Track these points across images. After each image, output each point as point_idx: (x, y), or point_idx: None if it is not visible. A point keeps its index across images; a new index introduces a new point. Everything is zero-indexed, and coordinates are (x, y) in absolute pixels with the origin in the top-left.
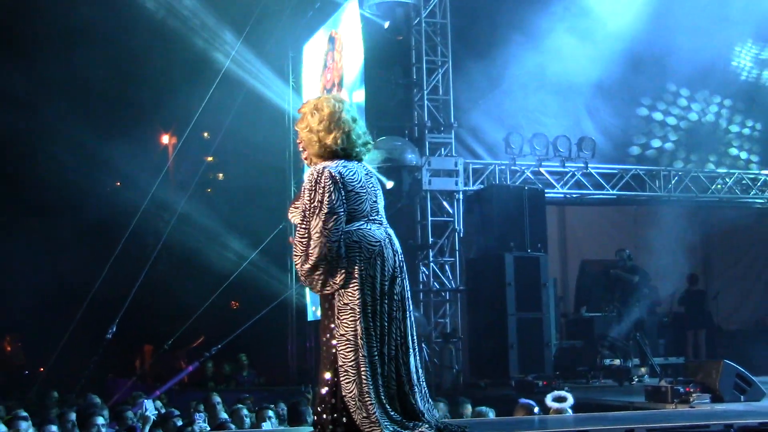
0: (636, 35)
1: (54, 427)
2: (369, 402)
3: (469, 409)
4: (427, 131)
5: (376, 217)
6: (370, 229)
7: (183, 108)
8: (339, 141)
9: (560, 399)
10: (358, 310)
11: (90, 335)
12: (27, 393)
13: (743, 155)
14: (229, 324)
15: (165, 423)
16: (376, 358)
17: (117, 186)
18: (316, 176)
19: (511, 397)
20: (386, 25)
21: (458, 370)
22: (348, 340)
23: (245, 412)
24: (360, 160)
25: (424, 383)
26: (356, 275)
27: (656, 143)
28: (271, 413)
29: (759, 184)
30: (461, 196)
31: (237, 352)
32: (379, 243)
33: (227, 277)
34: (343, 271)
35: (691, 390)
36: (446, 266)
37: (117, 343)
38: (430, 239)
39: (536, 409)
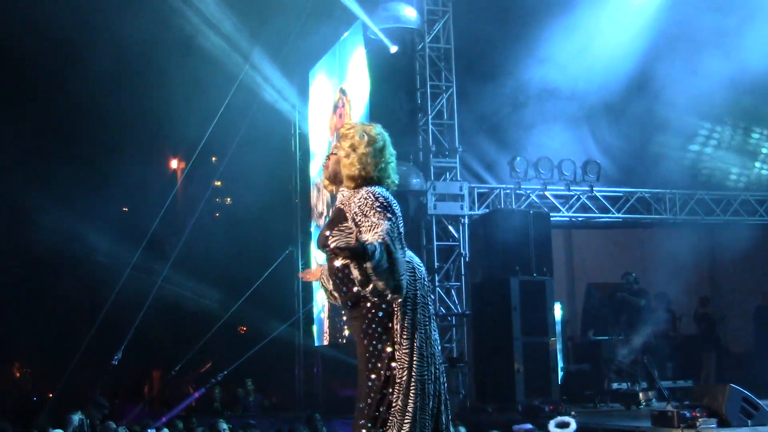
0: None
1: None
2: (414, 420)
3: None
4: (431, 156)
5: None
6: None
7: (191, 132)
8: (380, 170)
9: (563, 425)
10: (418, 331)
11: (98, 361)
12: (35, 419)
13: None
14: (237, 349)
15: None
16: (426, 377)
17: (124, 211)
18: (373, 197)
19: (517, 422)
20: (393, 49)
21: (464, 395)
22: (404, 360)
23: None
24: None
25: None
26: (413, 296)
27: None
28: None
29: (765, 206)
30: (467, 221)
31: (245, 378)
32: (422, 265)
33: (235, 301)
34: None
35: (698, 414)
36: (452, 291)
37: (124, 368)
38: (436, 264)
39: None
